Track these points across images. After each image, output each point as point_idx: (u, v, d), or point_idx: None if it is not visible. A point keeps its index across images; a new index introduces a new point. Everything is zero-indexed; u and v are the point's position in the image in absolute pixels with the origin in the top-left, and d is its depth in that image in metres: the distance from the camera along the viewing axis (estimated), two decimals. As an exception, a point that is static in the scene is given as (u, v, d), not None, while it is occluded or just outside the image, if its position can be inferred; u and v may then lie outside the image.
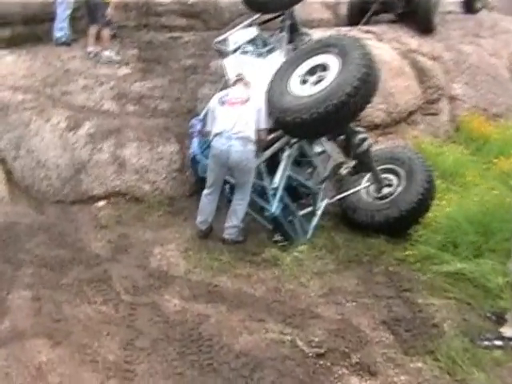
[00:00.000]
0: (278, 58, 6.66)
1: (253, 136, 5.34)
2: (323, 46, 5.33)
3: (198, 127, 6.45)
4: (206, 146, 6.26)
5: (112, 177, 6.51)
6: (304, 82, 5.29)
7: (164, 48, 8.43)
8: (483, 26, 11.11)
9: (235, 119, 5.34)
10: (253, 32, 7.18)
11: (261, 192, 5.62)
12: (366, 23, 10.20)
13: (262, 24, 7.46)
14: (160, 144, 6.80)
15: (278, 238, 5.47)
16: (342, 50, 5.08)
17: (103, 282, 4.72)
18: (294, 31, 7.36)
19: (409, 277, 5.00)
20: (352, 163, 5.65)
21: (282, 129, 5.36)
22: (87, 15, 8.06)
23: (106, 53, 7.97)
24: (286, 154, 5.63)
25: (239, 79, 5.72)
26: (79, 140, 6.67)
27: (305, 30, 7.51)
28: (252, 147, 5.35)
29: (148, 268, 5.11)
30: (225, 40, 7.22)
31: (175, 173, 6.69)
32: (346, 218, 6.08)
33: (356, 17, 9.85)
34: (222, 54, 7.14)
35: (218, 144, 5.40)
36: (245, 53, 6.79)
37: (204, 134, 5.81)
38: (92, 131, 6.75)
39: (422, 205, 5.66)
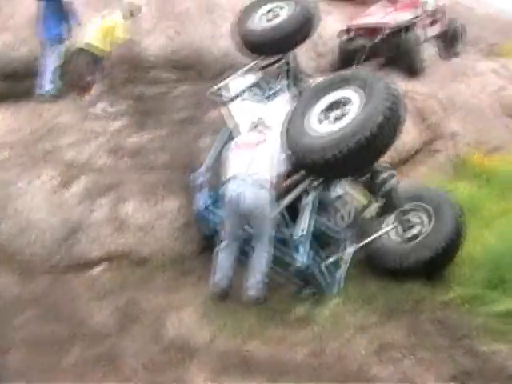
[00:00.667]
0: (283, 102, 6.35)
1: (268, 180, 4.90)
2: (341, 81, 4.96)
3: (202, 179, 5.97)
4: (213, 200, 5.79)
5: (112, 236, 5.91)
6: (324, 119, 4.93)
7: (157, 101, 8.03)
8: (467, 67, 11.16)
9: (248, 162, 4.95)
10: (254, 77, 6.86)
11: (282, 243, 5.11)
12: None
13: (262, 69, 7.13)
14: (163, 199, 6.25)
15: (308, 291, 4.91)
16: (363, 83, 4.73)
17: (113, 359, 4.12)
18: (296, 75, 7.05)
19: (460, 321, 4.48)
20: (378, 204, 5.19)
21: (306, 170, 4.92)
22: (85, 67, 7.62)
23: (101, 105, 7.51)
24: (309, 197, 5.14)
25: (260, 123, 5.36)
26: (73, 197, 6.09)
27: (306, 73, 7.21)
28: (267, 192, 4.91)
29: (165, 339, 4.51)
30: (224, 87, 6.86)
31: (182, 229, 6.12)
32: (373, 263, 5.56)
33: (345, 62, 9.69)
34: (222, 102, 6.76)
35: (230, 189, 4.98)
36: (249, 98, 6.43)
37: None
38: (88, 187, 6.19)
39: (454, 243, 5.23)
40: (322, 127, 4.82)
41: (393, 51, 10.03)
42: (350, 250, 5.33)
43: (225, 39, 9.64)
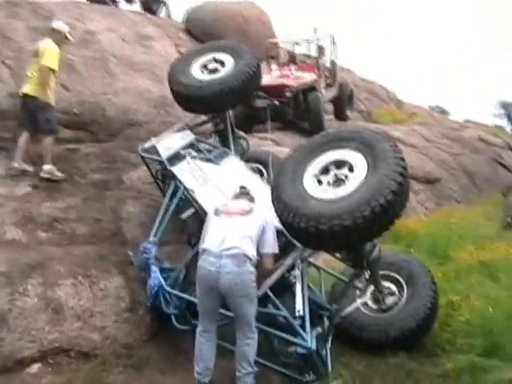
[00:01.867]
0: (236, 163, 5.91)
1: (252, 254, 4.29)
2: (338, 140, 4.56)
3: (153, 251, 5.23)
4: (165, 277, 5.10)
5: (46, 328, 4.80)
6: (322, 182, 4.42)
7: (63, 162, 6.98)
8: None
9: (229, 232, 4.29)
10: (188, 136, 6.31)
11: (274, 325, 4.54)
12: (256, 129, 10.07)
13: (193, 128, 6.61)
14: (98, 279, 5.30)
15: (310, 378, 4.36)
16: (364, 143, 4.39)
17: None
18: (229, 135, 6.64)
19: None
20: (366, 274, 4.90)
21: (305, 239, 4.37)
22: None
23: (47, 167, 6.38)
24: (297, 272, 4.68)
25: (243, 193, 4.77)
26: (-11, 284, 4.88)
27: (241, 133, 6.83)
28: (250, 268, 4.27)
29: None
30: (158, 145, 6.22)
31: (126, 313, 5.22)
32: (350, 336, 5.24)
33: (242, 124, 9.54)
34: (159, 161, 6.14)
35: (204, 263, 4.27)
36: (198, 158, 5.88)
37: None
38: (5, 270, 5.01)
39: (434, 309, 5.19)
40: (323, 192, 4.32)
41: (299, 110, 10.18)
42: (333, 323, 4.90)
43: (119, 96, 8.99)
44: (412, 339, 5.08)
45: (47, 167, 6.50)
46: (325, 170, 4.48)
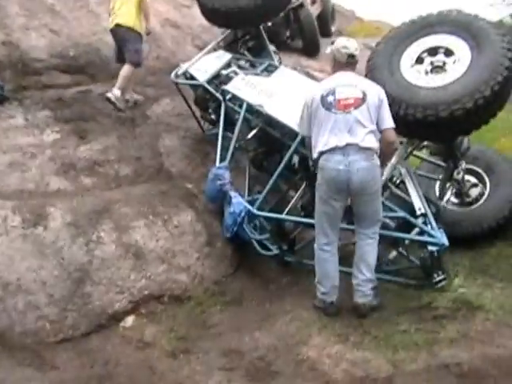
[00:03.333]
0: (289, 72, 5.40)
1: (377, 146, 3.78)
2: (428, 26, 4.16)
3: (227, 177, 4.73)
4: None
5: (132, 276, 4.31)
6: (422, 68, 4.12)
7: (81, 103, 6.25)
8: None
9: (349, 126, 3.71)
10: (224, 56, 5.70)
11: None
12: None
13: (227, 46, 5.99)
14: (171, 214, 4.79)
15: (440, 277, 4.02)
16: (459, 25, 4.04)
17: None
18: (263, 50, 6.05)
19: None
20: (462, 165, 4.57)
21: (417, 129, 3.99)
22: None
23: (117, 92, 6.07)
24: (403, 170, 4.29)
25: (350, 62, 3.89)
26: (57, 238, 4.31)
27: (273, 47, 6.23)
28: (377, 161, 3.80)
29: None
30: (192, 68, 5.60)
31: (206, 248, 4.76)
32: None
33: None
34: (198, 84, 5.57)
35: (330, 163, 3.74)
36: (250, 73, 5.33)
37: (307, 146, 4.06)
38: (70, 220, 4.43)
39: None
40: (428, 80, 4.00)
41: (292, 29, 9.54)
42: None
43: (109, 34, 8.15)
44: (507, 226, 4.82)
45: (117, 92, 6.05)
46: (419, 59, 4.14)
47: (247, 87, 5.04)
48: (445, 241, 3.88)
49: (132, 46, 6.18)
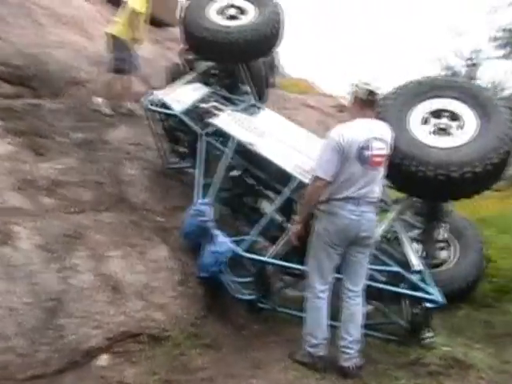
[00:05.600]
0: (274, 115, 5.40)
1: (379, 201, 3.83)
2: (436, 89, 4.33)
3: (211, 214, 4.56)
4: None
5: (111, 311, 3.91)
6: (429, 129, 4.24)
7: (31, 117, 5.76)
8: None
9: (371, 180, 3.69)
10: (201, 89, 5.61)
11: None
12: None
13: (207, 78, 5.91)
14: (147, 247, 4.48)
15: (429, 334, 4.07)
16: (466, 92, 4.25)
17: None
18: (236, 89, 6.04)
19: None
20: (446, 227, 4.76)
21: (431, 189, 4.08)
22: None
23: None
24: (398, 226, 4.37)
25: (370, 100, 3.75)
26: (30, 260, 3.83)
27: (247, 88, 6.22)
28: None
29: None
30: (166, 99, 5.45)
31: (180, 287, 4.47)
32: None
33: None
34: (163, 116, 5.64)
35: (344, 211, 3.64)
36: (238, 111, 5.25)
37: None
38: (40, 242, 3.98)
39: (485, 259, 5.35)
40: (436, 140, 4.12)
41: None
42: None
43: (58, 50, 7.76)
44: (473, 289, 5.06)
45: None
46: (425, 120, 4.29)
47: (235, 124, 4.94)
48: (442, 299, 3.95)
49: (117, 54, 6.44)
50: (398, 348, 4.08)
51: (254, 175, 4.87)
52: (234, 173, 4.93)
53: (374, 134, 3.68)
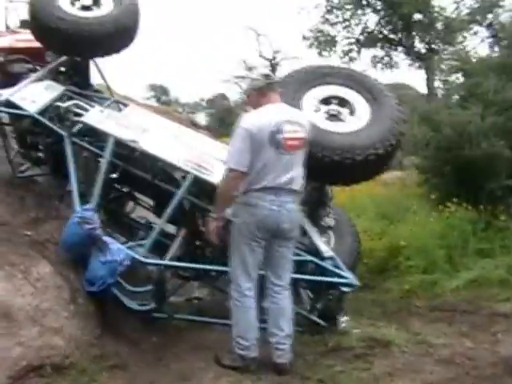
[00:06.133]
0: (142, 111, 5.12)
1: (303, 191, 3.77)
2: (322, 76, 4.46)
3: (97, 220, 4.15)
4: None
5: (5, 343, 3.28)
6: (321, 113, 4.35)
7: None
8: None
9: (289, 167, 3.58)
10: (55, 87, 5.09)
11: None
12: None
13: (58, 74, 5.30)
14: (27, 265, 3.86)
15: (344, 318, 4.21)
16: (353, 79, 4.49)
17: None
18: (87, 86, 5.56)
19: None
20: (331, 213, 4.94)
21: (337, 172, 4.22)
22: None
23: None
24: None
25: (271, 84, 3.69)
26: None
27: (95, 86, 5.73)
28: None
29: None
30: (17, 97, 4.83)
31: (71, 305, 3.92)
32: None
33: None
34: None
35: (263, 202, 3.51)
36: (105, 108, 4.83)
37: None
38: None
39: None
40: (334, 126, 4.23)
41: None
42: None
43: None
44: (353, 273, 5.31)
45: None
46: (316, 107, 4.41)
47: (110, 121, 4.51)
48: (356, 281, 4.10)
49: None
50: (313, 338, 4.14)
51: (134, 177, 4.50)
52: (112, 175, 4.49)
53: (286, 117, 3.61)
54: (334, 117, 4.35)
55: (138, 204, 5.02)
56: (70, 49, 5.13)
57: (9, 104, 4.78)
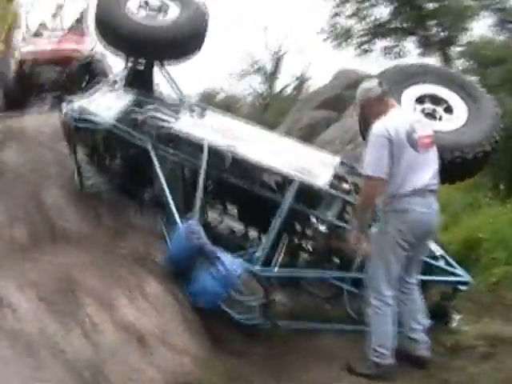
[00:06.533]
0: (221, 116, 4.93)
1: None
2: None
3: (203, 233, 3.97)
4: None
5: (143, 365, 3.12)
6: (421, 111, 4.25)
7: None
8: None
9: (428, 166, 3.53)
10: (126, 94, 4.93)
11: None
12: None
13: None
14: (142, 285, 3.70)
15: (458, 316, 4.11)
16: (448, 79, 4.38)
17: None
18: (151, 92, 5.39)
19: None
20: None
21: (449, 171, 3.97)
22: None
23: None
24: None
25: (385, 92, 3.65)
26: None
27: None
28: None
29: None
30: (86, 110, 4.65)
31: (186, 323, 3.77)
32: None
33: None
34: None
35: (415, 205, 3.45)
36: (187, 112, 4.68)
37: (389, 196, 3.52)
38: (41, 294, 3.02)
39: None
40: (437, 124, 4.10)
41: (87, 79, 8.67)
42: None
43: None
44: None
45: None
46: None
47: (201, 127, 4.36)
48: (470, 278, 3.99)
49: None
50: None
51: (225, 185, 4.36)
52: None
53: (412, 117, 3.71)
54: (429, 115, 4.25)
55: (225, 213, 4.79)
56: (138, 53, 5.03)
57: (83, 111, 4.58)
